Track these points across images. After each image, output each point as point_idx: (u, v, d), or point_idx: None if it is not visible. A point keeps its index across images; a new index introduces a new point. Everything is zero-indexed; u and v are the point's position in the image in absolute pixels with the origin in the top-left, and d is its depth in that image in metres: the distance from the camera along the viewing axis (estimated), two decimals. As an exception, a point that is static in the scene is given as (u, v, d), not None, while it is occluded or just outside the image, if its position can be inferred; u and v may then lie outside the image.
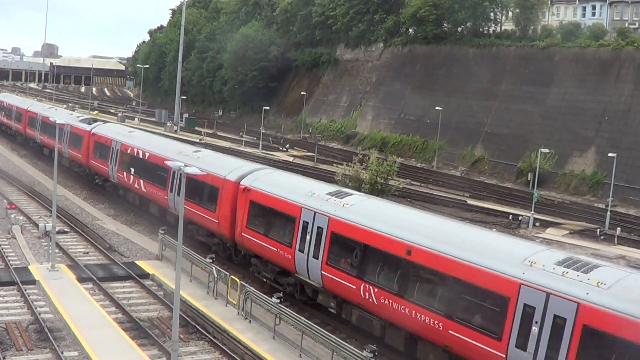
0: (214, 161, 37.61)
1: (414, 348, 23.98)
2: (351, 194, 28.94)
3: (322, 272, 27.23)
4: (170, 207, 39.14)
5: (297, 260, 28.68)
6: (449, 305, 21.93)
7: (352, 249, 26.19)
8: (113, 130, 51.03)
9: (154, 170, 40.79)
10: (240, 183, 32.85)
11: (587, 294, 18.48)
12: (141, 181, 42.64)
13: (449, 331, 21.70)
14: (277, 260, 30.44)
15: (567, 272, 19.50)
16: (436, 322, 22.09)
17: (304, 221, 28.37)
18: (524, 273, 20.07)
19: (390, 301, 23.86)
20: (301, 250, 28.29)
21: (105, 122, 59.00)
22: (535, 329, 19.42)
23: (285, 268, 30.02)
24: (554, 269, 19.83)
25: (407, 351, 24.34)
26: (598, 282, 18.69)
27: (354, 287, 25.57)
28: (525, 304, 19.72)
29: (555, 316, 18.95)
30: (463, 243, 22.49)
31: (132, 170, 43.94)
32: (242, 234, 32.22)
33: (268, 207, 31.04)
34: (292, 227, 28.97)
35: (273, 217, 30.88)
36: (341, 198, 28.09)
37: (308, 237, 27.93)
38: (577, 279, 19.13)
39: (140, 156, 43.17)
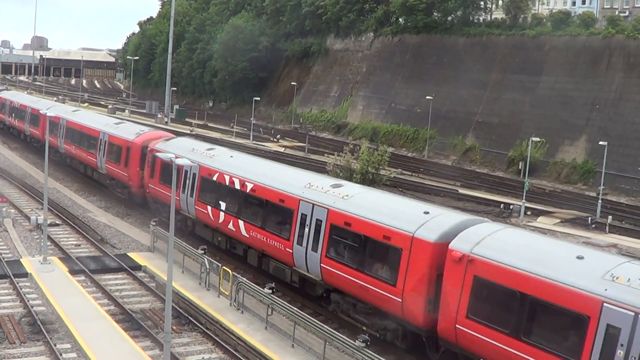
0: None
1: None
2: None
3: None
4: (40, 134, 61.04)
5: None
6: None
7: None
8: (7, 94, 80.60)
9: (34, 117, 62.90)
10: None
11: None
12: (14, 120, 71.38)
13: None
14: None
15: None
16: None
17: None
18: None
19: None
20: None
21: (7, 91, 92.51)
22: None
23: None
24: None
25: None
26: None
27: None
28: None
29: None
30: None
31: (14, 116, 69.92)
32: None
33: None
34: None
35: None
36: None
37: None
38: None
39: (17, 107, 70.38)
